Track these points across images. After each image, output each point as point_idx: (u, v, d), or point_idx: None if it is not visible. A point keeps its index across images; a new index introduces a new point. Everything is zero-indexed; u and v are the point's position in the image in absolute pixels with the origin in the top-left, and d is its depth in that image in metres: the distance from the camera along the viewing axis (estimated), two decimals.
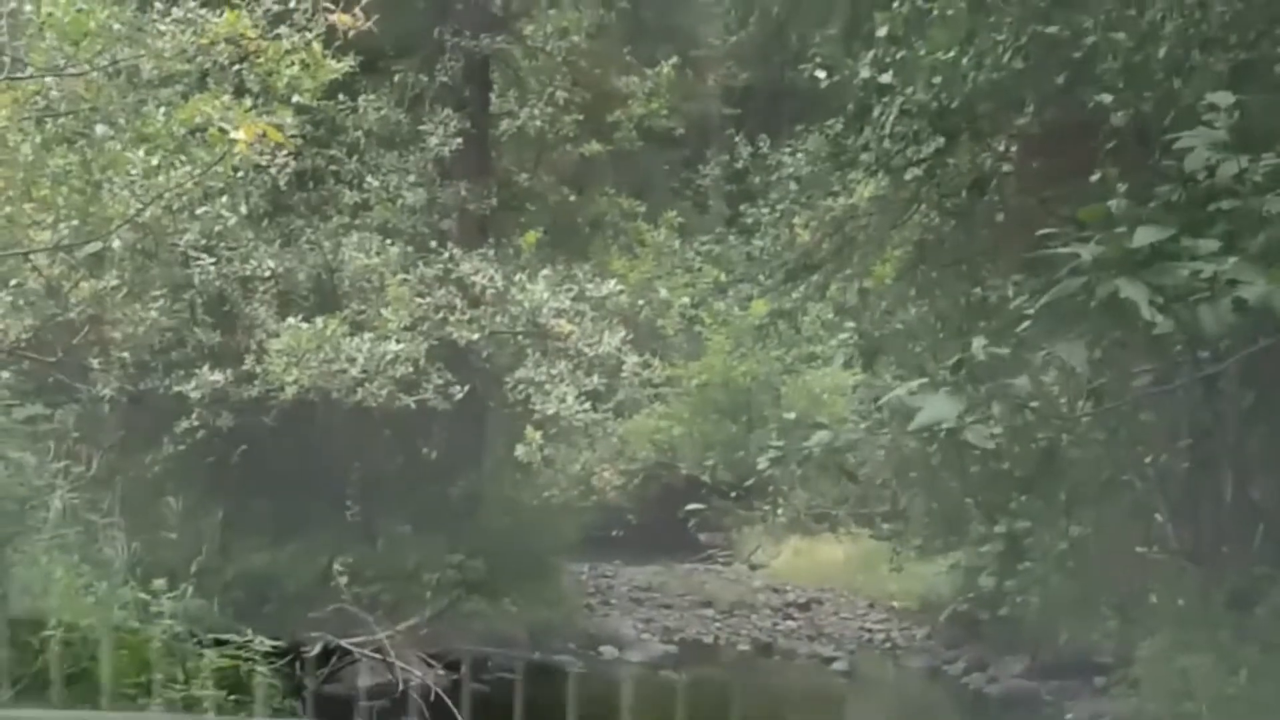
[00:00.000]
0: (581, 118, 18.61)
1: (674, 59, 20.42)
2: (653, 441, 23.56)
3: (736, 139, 27.62)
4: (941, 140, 11.69)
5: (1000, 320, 10.36)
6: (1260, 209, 6.08)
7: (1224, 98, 6.32)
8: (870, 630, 19.02)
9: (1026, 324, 6.43)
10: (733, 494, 20.60)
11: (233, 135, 8.88)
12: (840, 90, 12.95)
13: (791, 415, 15.66)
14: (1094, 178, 9.41)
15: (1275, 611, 10.15)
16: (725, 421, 23.92)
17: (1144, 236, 5.80)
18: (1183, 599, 11.21)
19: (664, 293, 20.70)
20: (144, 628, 8.48)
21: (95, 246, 10.19)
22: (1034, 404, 7.09)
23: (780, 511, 21.35)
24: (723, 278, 26.81)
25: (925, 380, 6.43)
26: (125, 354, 11.53)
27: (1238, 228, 6.11)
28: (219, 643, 8.93)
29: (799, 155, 16.55)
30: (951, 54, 10.32)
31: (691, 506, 18.93)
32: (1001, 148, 12.11)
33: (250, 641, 9.01)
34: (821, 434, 8.77)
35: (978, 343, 6.26)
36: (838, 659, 17.40)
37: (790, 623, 19.58)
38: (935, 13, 10.59)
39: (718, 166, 30.69)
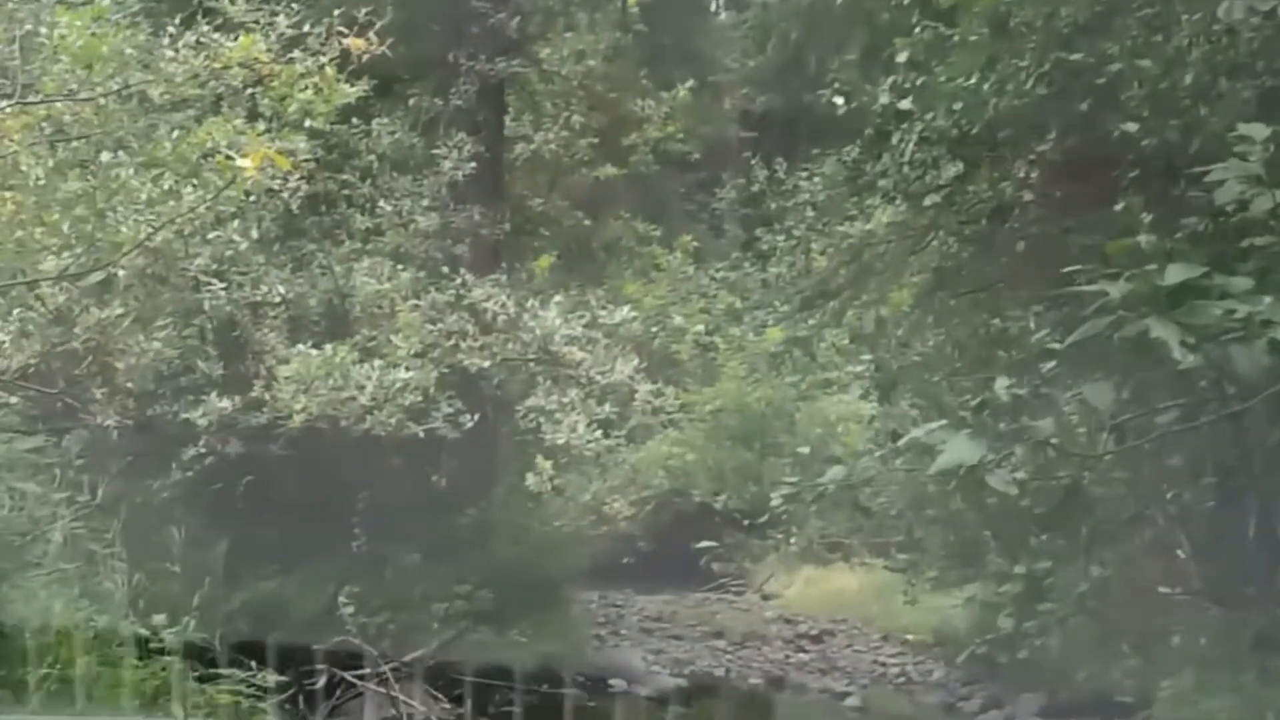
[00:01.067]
0: (596, 141, 18.52)
1: (690, 83, 20.33)
2: (665, 468, 23.31)
3: (753, 163, 27.44)
4: (961, 167, 11.57)
5: (1020, 352, 10.19)
6: None
7: (1259, 129, 6.13)
8: (884, 664, 18.68)
9: (1052, 364, 6.25)
10: (746, 522, 20.37)
11: (239, 163, 8.79)
12: (858, 116, 12.84)
13: (806, 449, 15.41)
14: (1117, 207, 9.23)
15: None
16: (739, 448, 23.67)
17: (1176, 274, 5.61)
18: (1206, 640, 10.98)
19: (678, 319, 20.58)
20: (145, 663, 8.34)
21: (101, 274, 10.08)
22: (1055, 441, 6.87)
23: (793, 541, 21.05)
24: (738, 304, 26.56)
25: (945, 422, 6.24)
26: (131, 382, 11.37)
27: (1271, 265, 5.93)
28: (222, 677, 8.80)
29: (816, 180, 16.27)
30: (973, 80, 10.17)
31: (704, 544, 18.65)
32: (1023, 175, 11.95)
33: (254, 675, 8.89)
34: (836, 469, 8.54)
35: (1001, 383, 6.07)
36: (850, 694, 17.11)
37: (802, 655, 19.26)
38: (956, 38, 10.42)
39: (734, 191, 30.51)
